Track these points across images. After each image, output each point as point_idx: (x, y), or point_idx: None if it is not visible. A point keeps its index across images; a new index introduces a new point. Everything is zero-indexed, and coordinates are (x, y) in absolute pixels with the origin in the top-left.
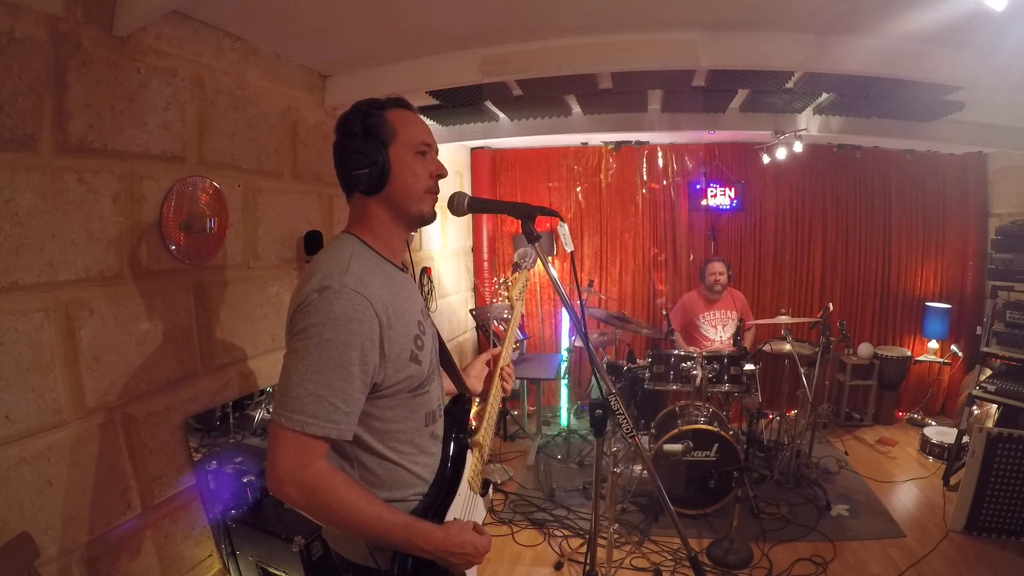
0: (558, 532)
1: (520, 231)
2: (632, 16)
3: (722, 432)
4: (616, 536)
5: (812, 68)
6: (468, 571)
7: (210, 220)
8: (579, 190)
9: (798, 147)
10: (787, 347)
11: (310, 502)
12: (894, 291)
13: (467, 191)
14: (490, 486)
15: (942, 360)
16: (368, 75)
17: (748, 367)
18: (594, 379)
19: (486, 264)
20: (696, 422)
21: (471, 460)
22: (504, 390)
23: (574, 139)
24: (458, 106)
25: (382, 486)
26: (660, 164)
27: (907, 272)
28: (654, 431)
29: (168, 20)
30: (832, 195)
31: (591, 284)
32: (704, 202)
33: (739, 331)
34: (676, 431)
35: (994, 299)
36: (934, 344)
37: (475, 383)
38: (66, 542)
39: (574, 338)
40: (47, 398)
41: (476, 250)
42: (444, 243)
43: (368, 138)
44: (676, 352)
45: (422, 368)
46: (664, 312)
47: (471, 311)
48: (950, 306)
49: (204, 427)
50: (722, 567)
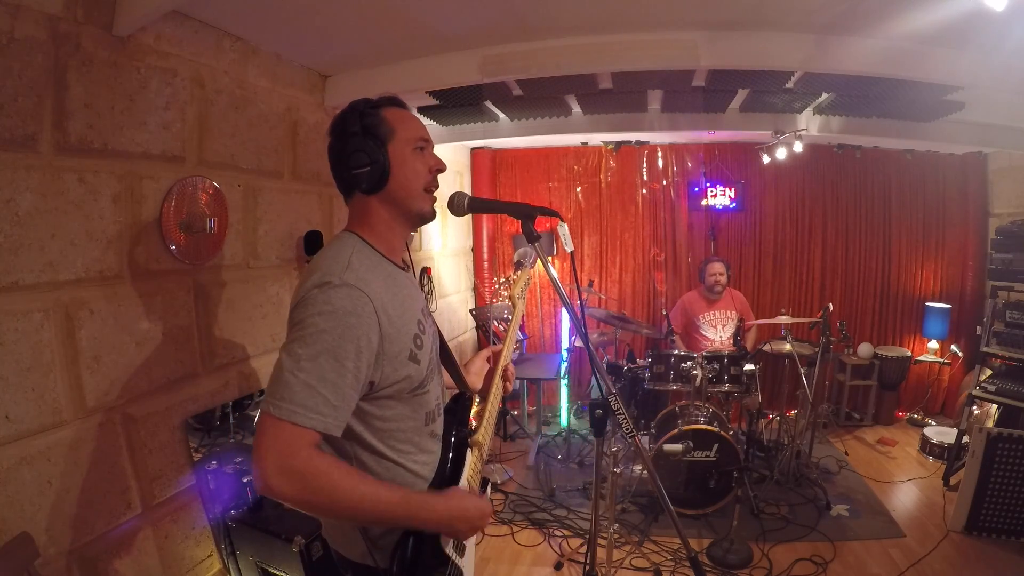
0: (558, 532)
1: (520, 231)
2: (632, 16)
3: (722, 432)
4: (616, 536)
5: (812, 68)
6: (466, 569)
7: (210, 220)
8: (579, 190)
9: (798, 147)
10: (787, 347)
11: (302, 490)
12: (894, 291)
13: (467, 191)
14: (488, 484)
15: (942, 360)
16: (368, 75)
17: (748, 367)
18: (594, 379)
19: (486, 264)
20: (696, 422)
21: (470, 459)
22: (505, 389)
23: (574, 139)
24: (458, 106)
25: None
26: (660, 164)
27: (907, 272)
28: (654, 431)
29: (168, 20)
30: (832, 195)
31: (591, 284)
32: (704, 202)
33: (739, 331)
34: (676, 431)
35: (994, 299)
36: (934, 344)
37: (475, 380)
38: (66, 542)
39: (574, 338)
40: (47, 398)
41: (476, 250)
42: (444, 243)
43: (367, 137)
44: (676, 352)
45: (421, 368)
46: (664, 312)
47: (471, 311)
48: (950, 306)
49: (204, 427)
50: (722, 567)
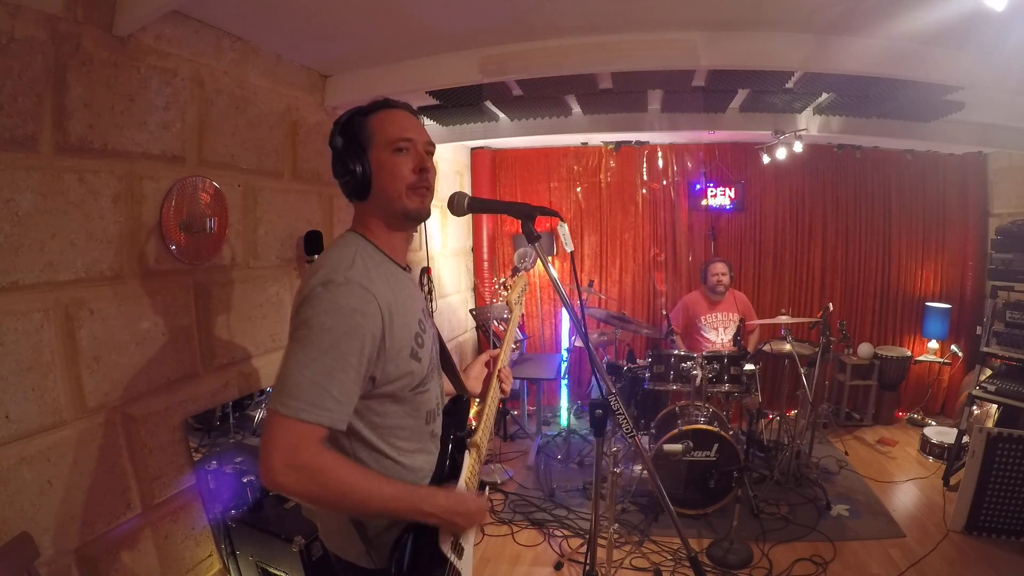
0: (558, 532)
1: (520, 231)
2: (632, 16)
3: (722, 432)
4: (616, 536)
5: (812, 68)
6: (464, 572)
7: (210, 220)
8: (579, 190)
9: (798, 147)
10: (787, 347)
11: (308, 484)
12: (894, 291)
13: (467, 191)
14: (487, 488)
15: (942, 360)
16: (368, 75)
17: (748, 367)
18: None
19: (486, 264)
20: (696, 422)
21: (468, 461)
22: (503, 391)
23: (574, 139)
24: (458, 106)
25: None
26: (660, 164)
27: (907, 272)
28: (654, 431)
29: (168, 20)
30: (832, 195)
31: (591, 284)
32: (704, 202)
33: (739, 331)
34: (676, 431)
35: (994, 299)
36: (934, 344)
37: (474, 384)
38: (66, 542)
39: (574, 338)
40: (47, 398)
41: (476, 250)
42: (444, 243)
43: (348, 146)
44: (676, 352)
45: (422, 366)
46: (664, 312)
47: (471, 311)
48: (950, 306)
49: (204, 427)
50: (722, 567)
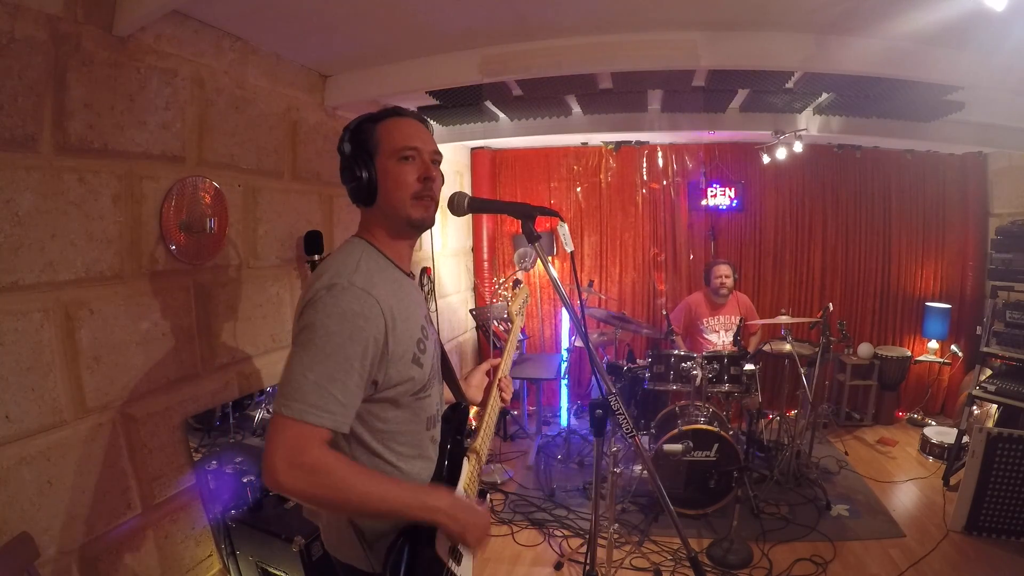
0: (558, 532)
1: (520, 231)
2: (632, 16)
3: (722, 432)
4: (616, 536)
5: (812, 68)
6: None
7: (210, 220)
8: (579, 190)
9: (798, 147)
10: (787, 347)
11: (311, 485)
12: (894, 291)
13: (467, 191)
14: (487, 495)
15: (942, 360)
16: (368, 75)
17: (748, 367)
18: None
19: (486, 264)
20: (696, 422)
21: (467, 468)
22: (503, 400)
23: (574, 139)
24: (458, 106)
25: None
26: (660, 164)
27: (907, 272)
28: (654, 431)
29: (168, 20)
30: (832, 195)
31: (591, 284)
32: (704, 202)
33: (739, 331)
34: (676, 431)
35: (994, 299)
36: (934, 344)
37: (475, 393)
38: (66, 542)
39: (574, 338)
40: (47, 398)
41: (476, 250)
42: (444, 243)
43: (355, 153)
44: (676, 352)
45: (424, 371)
46: (664, 312)
47: (471, 311)
48: (950, 306)
49: (204, 427)
50: (722, 567)
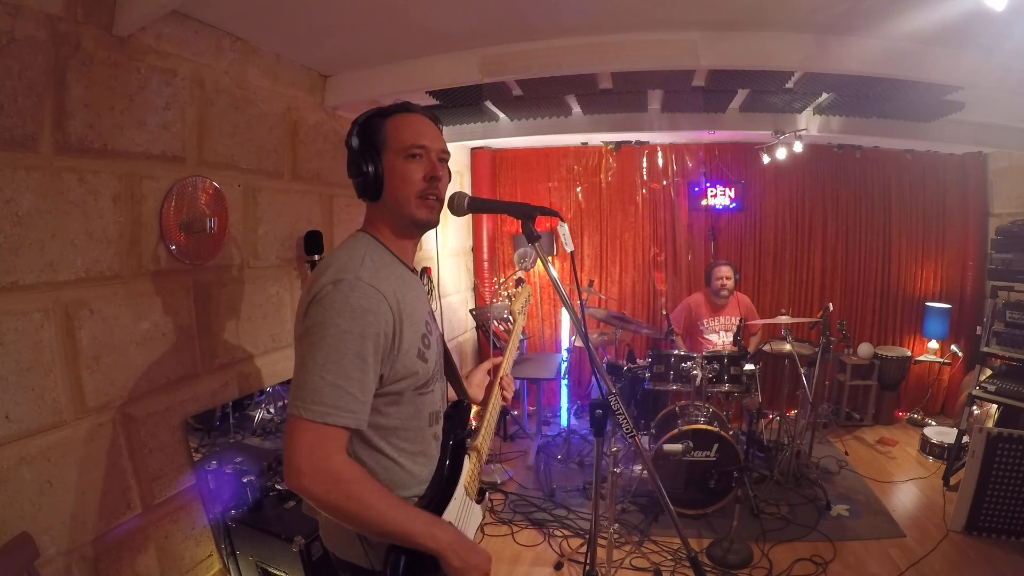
0: (558, 532)
1: (520, 231)
2: (632, 16)
3: (722, 432)
4: (616, 536)
5: (812, 68)
6: None
7: (210, 220)
8: (579, 190)
9: (798, 147)
10: (787, 347)
11: (333, 494)
12: (894, 291)
13: (467, 191)
14: (486, 494)
15: (942, 360)
16: (368, 75)
17: (748, 367)
18: (594, 379)
19: (486, 264)
20: (696, 422)
21: (468, 465)
22: (504, 399)
23: (574, 139)
24: (458, 106)
25: None
26: (660, 164)
27: (907, 272)
28: (654, 431)
29: (168, 20)
30: (832, 195)
31: (591, 284)
32: (704, 202)
33: (739, 331)
34: (676, 431)
35: (994, 299)
36: (934, 344)
37: (476, 391)
38: (66, 542)
39: (574, 338)
40: (47, 398)
41: (476, 250)
42: (444, 243)
43: (363, 147)
44: (676, 352)
45: (428, 366)
46: (664, 312)
47: (471, 311)
48: (950, 306)
49: (204, 427)
50: (722, 567)
